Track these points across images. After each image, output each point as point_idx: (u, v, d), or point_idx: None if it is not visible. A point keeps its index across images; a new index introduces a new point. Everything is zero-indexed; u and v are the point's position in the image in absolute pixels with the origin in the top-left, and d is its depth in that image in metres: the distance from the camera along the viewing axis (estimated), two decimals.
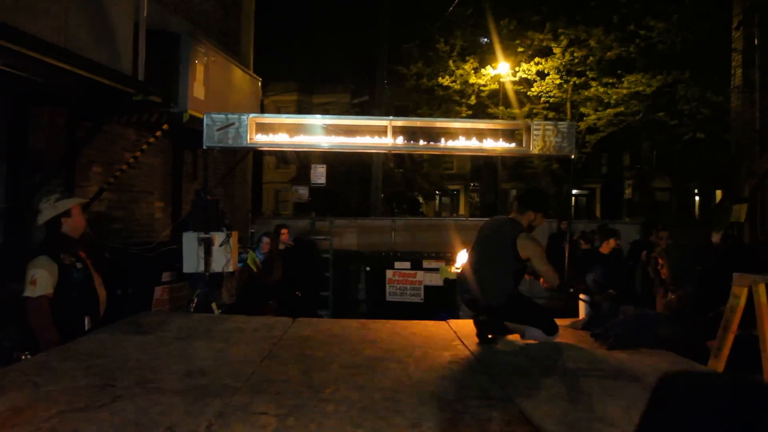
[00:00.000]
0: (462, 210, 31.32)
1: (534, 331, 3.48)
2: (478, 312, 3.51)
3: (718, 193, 24.35)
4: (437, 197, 31.49)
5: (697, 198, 27.18)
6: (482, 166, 25.90)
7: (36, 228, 4.58)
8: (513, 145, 4.70)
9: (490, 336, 3.43)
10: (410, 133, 4.79)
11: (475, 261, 3.60)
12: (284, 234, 6.94)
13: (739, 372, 3.00)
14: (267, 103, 21.52)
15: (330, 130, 4.62)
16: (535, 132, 4.53)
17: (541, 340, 3.45)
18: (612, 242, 6.35)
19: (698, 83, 12.04)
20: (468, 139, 4.75)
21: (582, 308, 3.89)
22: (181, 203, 7.11)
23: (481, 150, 4.74)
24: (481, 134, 4.75)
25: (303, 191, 11.84)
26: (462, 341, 3.49)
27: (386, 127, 4.58)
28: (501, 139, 4.72)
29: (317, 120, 4.70)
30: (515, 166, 26.82)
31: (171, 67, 5.35)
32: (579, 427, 2.12)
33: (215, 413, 2.16)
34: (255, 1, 9.16)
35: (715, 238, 5.81)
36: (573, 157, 4.60)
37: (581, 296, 4.17)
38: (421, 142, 4.76)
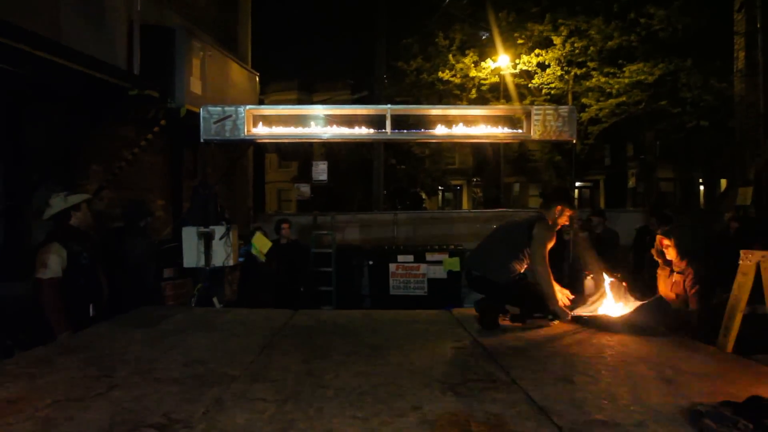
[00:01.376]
0: (465, 205, 31.24)
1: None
2: (481, 292, 3.49)
3: (723, 182, 24.14)
4: (440, 193, 31.39)
5: (701, 187, 26.98)
6: (484, 160, 25.80)
7: (36, 227, 4.59)
8: (513, 130, 4.63)
9: (492, 321, 3.38)
10: (409, 122, 4.74)
11: (489, 239, 3.74)
12: (285, 228, 6.89)
13: (748, 351, 2.94)
14: (267, 102, 21.44)
15: (328, 119, 4.57)
16: (535, 117, 4.46)
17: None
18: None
19: (701, 70, 11.91)
20: (467, 126, 4.68)
21: (587, 287, 3.84)
22: (181, 201, 7.07)
23: (481, 136, 4.67)
24: (480, 121, 4.69)
25: (305, 188, 11.80)
26: (465, 328, 3.44)
27: (385, 115, 4.52)
28: (501, 126, 4.66)
29: (314, 110, 4.66)
30: (518, 159, 26.72)
31: (167, 61, 5.31)
32: (586, 406, 2.07)
33: (213, 400, 2.12)
34: None
35: (729, 218, 5.69)
36: (574, 141, 4.53)
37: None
38: (420, 131, 4.70)
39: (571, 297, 3.64)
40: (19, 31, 3.66)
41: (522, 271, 3.53)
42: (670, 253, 3.65)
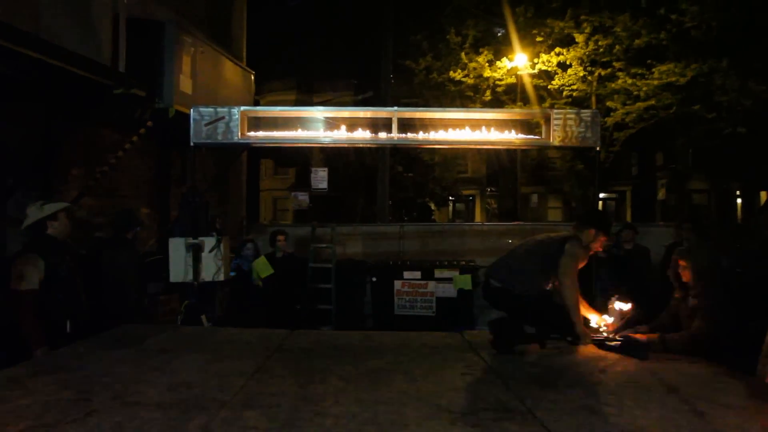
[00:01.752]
0: (478, 217, 31.19)
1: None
2: (498, 306, 3.50)
3: (763, 195, 24.04)
4: (451, 203, 31.40)
5: (738, 200, 26.89)
6: (499, 168, 25.80)
7: (11, 236, 4.62)
8: (531, 136, 4.66)
9: (508, 344, 3.38)
10: (417, 126, 4.77)
11: (515, 250, 3.76)
12: (281, 241, 6.90)
13: None
14: (264, 103, 21.64)
15: (329, 122, 4.62)
16: (555, 121, 4.49)
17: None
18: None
19: (737, 72, 11.90)
20: (481, 131, 4.70)
21: (612, 310, 3.84)
22: (168, 209, 7.12)
23: (496, 142, 4.70)
24: (495, 125, 4.71)
25: (303, 197, 11.85)
26: (477, 352, 3.43)
27: (391, 118, 4.56)
28: (517, 131, 4.68)
29: (314, 111, 4.71)
30: (536, 168, 26.71)
31: (155, 58, 5.38)
32: None
33: (199, 428, 2.12)
34: None
35: None
36: (598, 148, 4.56)
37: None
38: (429, 135, 4.72)
39: (609, 321, 3.64)
40: None
41: (548, 288, 3.54)
42: (686, 275, 3.66)
